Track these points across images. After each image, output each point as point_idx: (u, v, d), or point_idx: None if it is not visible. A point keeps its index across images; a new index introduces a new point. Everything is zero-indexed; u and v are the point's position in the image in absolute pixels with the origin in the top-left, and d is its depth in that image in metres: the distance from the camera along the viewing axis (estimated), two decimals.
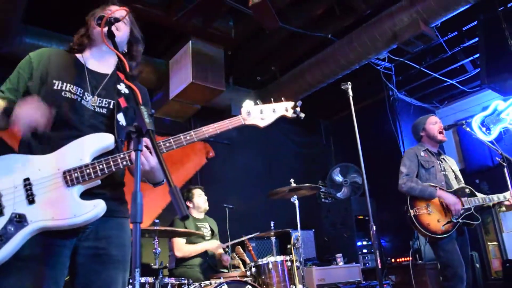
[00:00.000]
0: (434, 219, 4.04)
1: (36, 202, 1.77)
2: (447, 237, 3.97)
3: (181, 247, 4.81)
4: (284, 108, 2.33)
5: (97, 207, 1.82)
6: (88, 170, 1.83)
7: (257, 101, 2.28)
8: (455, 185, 4.26)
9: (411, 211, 4.12)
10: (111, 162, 1.86)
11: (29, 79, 1.98)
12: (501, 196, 4.18)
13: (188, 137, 2.01)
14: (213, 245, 4.96)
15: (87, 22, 2.16)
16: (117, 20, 1.97)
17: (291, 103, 2.35)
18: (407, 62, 6.85)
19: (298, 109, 2.37)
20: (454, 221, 4.00)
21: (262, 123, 2.25)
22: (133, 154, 1.85)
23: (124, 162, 1.87)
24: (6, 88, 1.99)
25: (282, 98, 2.36)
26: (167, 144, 1.96)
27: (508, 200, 4.15)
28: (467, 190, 4.21)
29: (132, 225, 1.41)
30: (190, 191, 5.27)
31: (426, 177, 4.24)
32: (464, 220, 4.04)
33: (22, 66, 2.03)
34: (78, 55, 2.15)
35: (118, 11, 2.03)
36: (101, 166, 1.84)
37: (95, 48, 2.15)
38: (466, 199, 4.10)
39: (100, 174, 1.84)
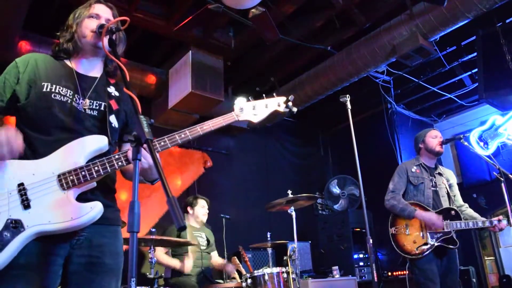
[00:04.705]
0: (410, 240, 4.07)
1: (32, 207, 1.75)
2: (423, 258, 3.98)
3: (159, 254, 4.76)
4: (277, 103, 2.34)
5: (94, 209, 1.80)
6: (83, 173, 1.81)
7: (249, 98, 2.30)
8: (445, 202, 4.24)
9: (391, 229, 4.20)
10: (107, 164, 1.84)
11: (15, 83, 1.97)
12: (487, 222, 4.10)
13: (182, 135, 1.99)
14: (177, 266, 4.78)
15: (71, 26, 2.12)
16: (118, 29, 1.97)
17: (283, 98, 2.36)
18: (406, 75, 6.89)
19: (290, 103, 2.37)
20: (430, 243, 3.99)
21: (255, 119, 2.27)
22: (129, 154, 1.84)
23: (120, 163, 1.86)
24: None
25: (274, 94, 2.37)
26: (162, 143, 1.94)
27: (494, 227, 4.08)
28: (452, 212, 4.14)
29: (128, 234, 1.40)
30: (196, 199, 5.24)
31: (414, 193, 4.25)
32: (441, 244, 4.00)
33: (8, 72, 2.01)
34: (66, 60, 2.14)
35: (117, 20, 2.02)
36: (96, 168, 1.82)
37: (83, 53, 2.13)
38: (448, 222, 4.04)
39: (95, 176, 1.82)
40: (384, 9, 5.52)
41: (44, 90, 1.95)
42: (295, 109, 2.39)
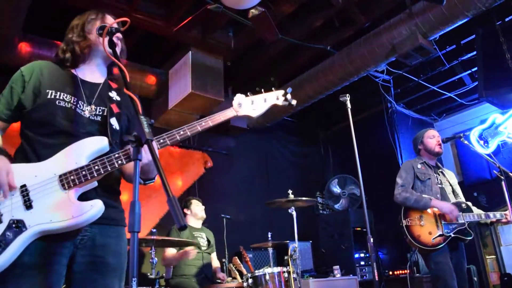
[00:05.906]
0: (425, 231, 4.03)
1: (34, 207, 1.78)
2: (438, 250, 3.95)
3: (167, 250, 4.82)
4: (275, 97, 2.34)
5: (95, 207, 1.81)
6: (83, 172, 1.83)
7: (248, 93, 2.30)
8: (452, 199, 4.25)
9: (404, 221, 4.14)
10: (107, 163, 1.86)
11: (21, 92, 2.00)
12: (497, 214, 4.12)
13: (181, 132, 2.01)
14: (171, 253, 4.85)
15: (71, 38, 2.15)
16: (118, 30, 1.98)
17: (282, 91, 2.36)
18: (406, 74, 6.89)
19: (289, 96, 2.36)
20: (446, 234, 3.99)
21: (254, 113, 2.28)
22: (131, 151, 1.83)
23: (120, 161, 1.87)
24: (1, 103, 2.01)
25: (272, 88, 2.37)
26: (161, 141, 1.96)
27: (505, 218, 4.10)
28: (463, 205, 4.16)
29: (129, 234, 1.41)
30: (189, 200, 5.31)
31: (422, 189, 4.24)
32: (456, 235, 4.00)
33: (14, 81, 2.04)
34: (71, 68, 2.16)
35: (118, 21, 2.03)
36: (96, 167, 1.84)
37: (87, 60, 2.16)
38: (461, 214, 4.06)
39: (96, 175, 1.84)
40: (383, 8, 5.53)
41: (49, 97, 1.98)
42: (294, 102, 2.37)
